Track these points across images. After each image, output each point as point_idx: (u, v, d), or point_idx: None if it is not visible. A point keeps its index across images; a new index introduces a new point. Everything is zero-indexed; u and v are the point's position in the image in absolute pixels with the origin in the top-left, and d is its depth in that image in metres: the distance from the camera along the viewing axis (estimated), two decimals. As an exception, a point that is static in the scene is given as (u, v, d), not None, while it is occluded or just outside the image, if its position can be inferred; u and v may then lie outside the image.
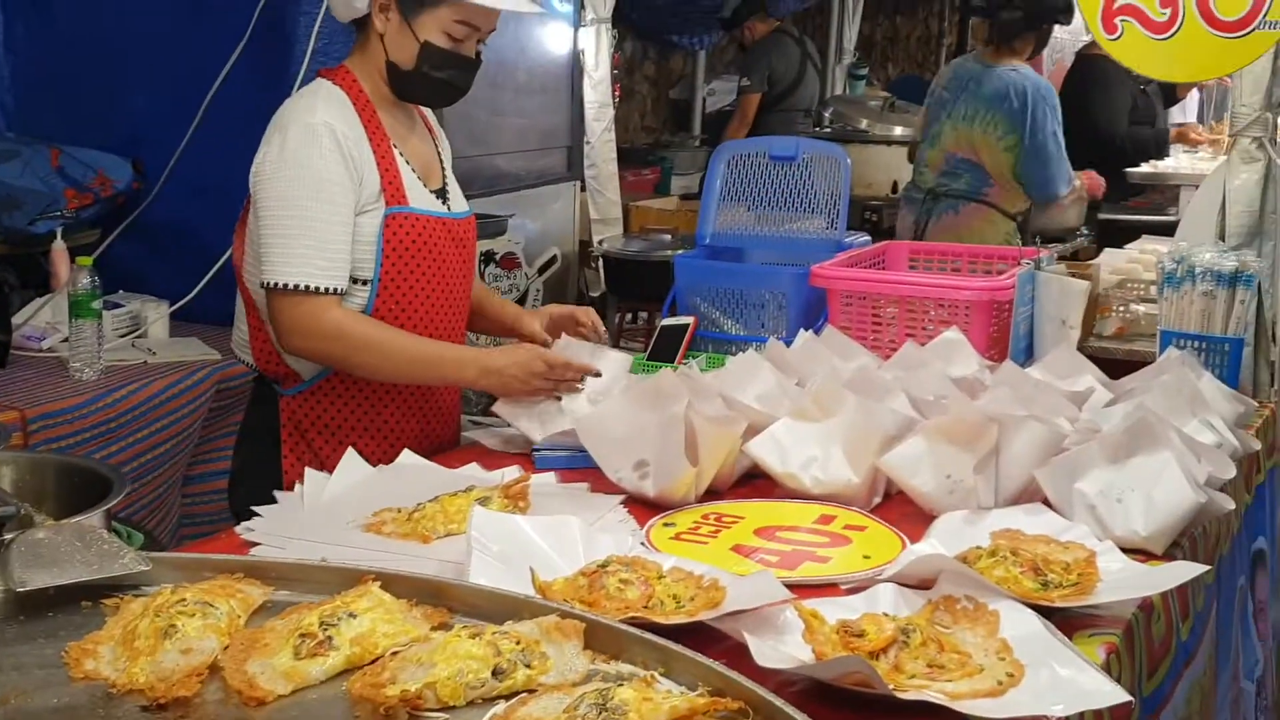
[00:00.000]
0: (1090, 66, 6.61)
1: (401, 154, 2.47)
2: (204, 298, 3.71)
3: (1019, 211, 5.02)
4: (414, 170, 2.49)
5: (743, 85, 7.63)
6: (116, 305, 3.71)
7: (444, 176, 2.59)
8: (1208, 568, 1.96)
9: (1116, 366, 2.85)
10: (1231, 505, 2.08)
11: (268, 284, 2.34)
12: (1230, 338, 2.83)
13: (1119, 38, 2.98)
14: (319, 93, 2.42)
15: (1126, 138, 6.67)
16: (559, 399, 2.46)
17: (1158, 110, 7.17)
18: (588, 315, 2.68)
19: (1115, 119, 6.62)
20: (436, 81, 2.44)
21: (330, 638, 1.39)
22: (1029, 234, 4.94)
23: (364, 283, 2.40)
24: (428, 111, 2.66)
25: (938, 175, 5.07)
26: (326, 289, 2.32)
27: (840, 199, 3.28)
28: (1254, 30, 2.85)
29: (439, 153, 2.63)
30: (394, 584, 1.51)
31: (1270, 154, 2.90)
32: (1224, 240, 2.94)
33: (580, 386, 2.47)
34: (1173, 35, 2.91)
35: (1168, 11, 2.91)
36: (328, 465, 2.24)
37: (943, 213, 5.03)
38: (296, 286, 2.32)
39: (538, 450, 2.37)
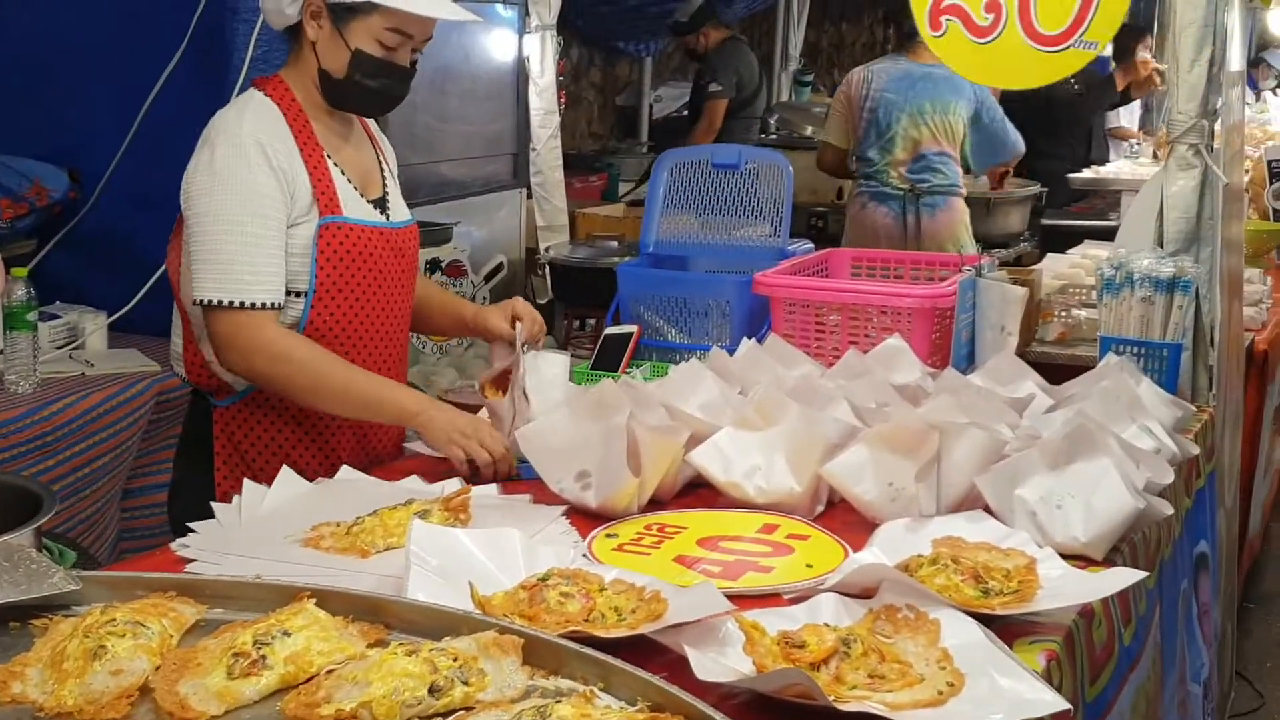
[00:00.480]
0: None
1: (336, 164, 2.45)
2: (143, 308, 3.66)
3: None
4: (350, 180, 2.47)
5: (712, 90, 7.59)
6: (53, 316, 3.65)
7: (384, 185, 2.57)
8: (1147, 573, 1.97)
9: (1059, 371, 2.87)
10: (1170, 510, 2.10)
11: (201, 301, 2.31)
12: (1169, 343, 2.86)
13: (943, 35, 3.01)
14: (249, 105, 2.40)
15: (1070, 99, 6.80)
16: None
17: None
18: (536, 324, 2.63)
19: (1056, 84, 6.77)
20: (369, 90, 2.42)
21: (264, 656, 1.38)
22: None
23: (299, 294, 2.38)
24: (369, 119, 2.64)
25: (908, 173, 5.21)
26: (261, 304, 2.30)
27: (784, 206, 3.29)
28: (1069, 47, 2.91)
29: (381, 161, 2.61)
30: (330, 600, 1.50)
31: (1206, 160, 2.93)
32: (1162, 246, 2.97)
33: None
34: (993, 40, 2.95)
35: (991, 17, 2.95)
36: (262, 478, 2.22)
37: (936, 208, 5.20)
38: (230, 303, 2.29)
39: (523, 463, 2.33)
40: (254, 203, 2.30)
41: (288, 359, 2.31)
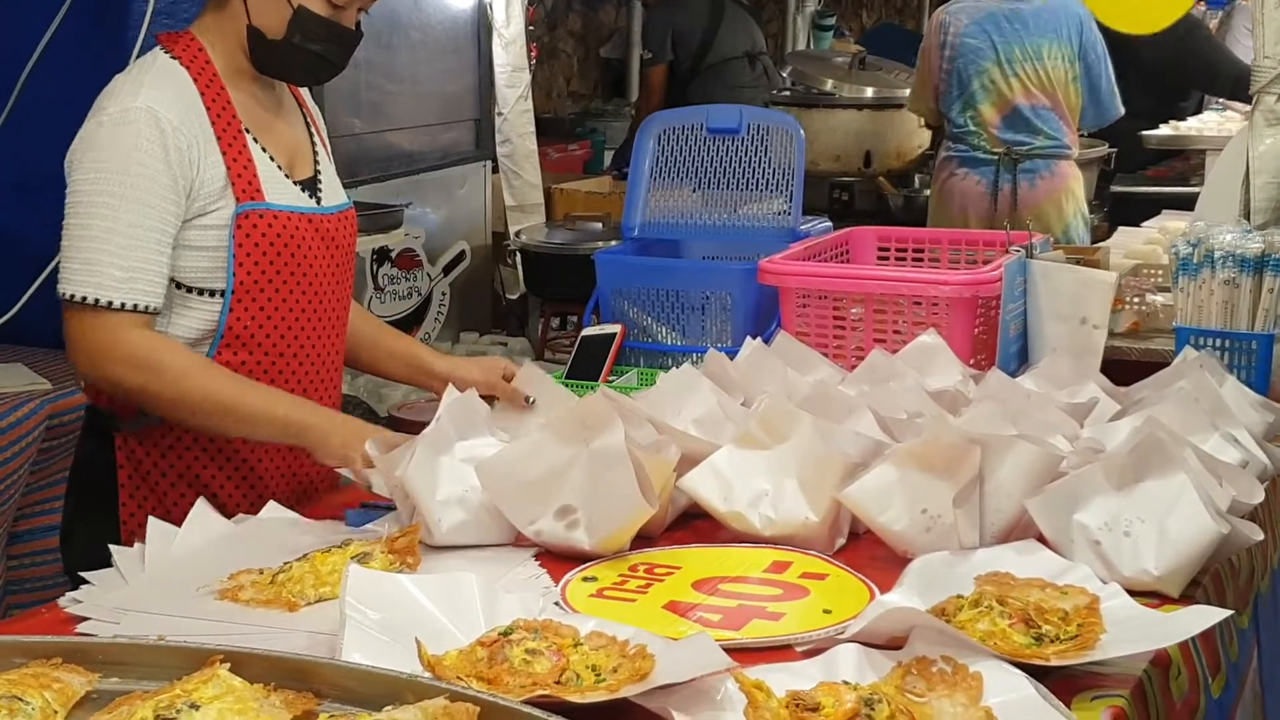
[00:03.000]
0: None
1: (256, 140, 2.46)
2: (30, 314, 3.66)
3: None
4: (273, 159, 2.47)
5: (645, 59, 7.63)
6: (-81, 327, 3.66)
7: (315, 164, 2.58)
8: (1235, 611, 1.97)
9: (1130, 370, 2.88)
10: (1261, 535, 2.09)
11: (62, 295, 2.33)
12: (1258, 334, 2.86)
13: None
14: (149, 69, 2.40)
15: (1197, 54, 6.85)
16: None
17: (1209, 34, 7.39)
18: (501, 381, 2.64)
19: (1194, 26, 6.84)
20: (308, 55, 2.43)
21: (168, 735, 1.37)
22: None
23: (214, 294, 2.39)
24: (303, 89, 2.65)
25: (1000, 134, 5.27)
26: (124, 305, 2.31)
27: (795, 178, 3.29)
28: None
29: (313, 136, 2.61)
30: (248, 665, 1.49)
31: (1301, 114, 2.94)
32: (1248, 218, 2.97)
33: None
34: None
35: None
36: (175, 515, 2.22)
37: (1037, 175, 5.26)
38: (85, 300, 2.30)
39: (363, 507, 2.32)
40: (133, 185, 2.31)
41: (149, 366, 2.31)
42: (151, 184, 2.32)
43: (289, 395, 2.44)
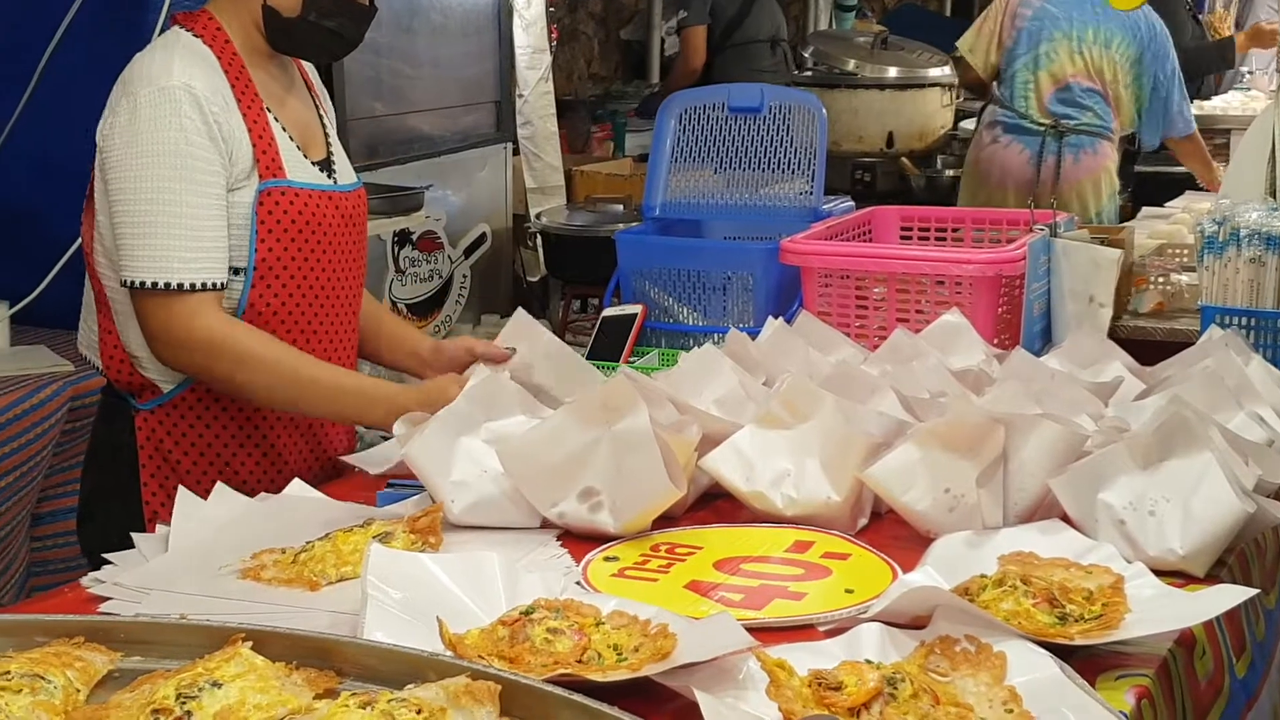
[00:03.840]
0: None
1: (277, 119, 2.46)
2: (51, 296, 3.66)
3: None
4: (292, 138, 2.48)
5: (681, 19, 7.62)
6: (-58, 309, 3.67)
7: (328, 144, 2.59)
8: (1260, 590, 1.96)
9: (1155, 349, 2.87)
10: (1286, 514, 2.08)
11: (128, 283, 2.33)
12: (1284, 312, 2.85)
13: None
14: (176, 46, 2.40)
15: (1188, 53, 6.85)
16: None
17: (1201, 25, 7.37)
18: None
19: (1176, 33, 6.85)
20: (323, 32, 2.43)
21: (189, 713, 1.38)
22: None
23: (236, 272, 2.39)
24: (308, 66, 2.65)
25: (1051, 105, 5.25)
26: (199, 284, 2.31)
27: (817, 157, 3.28)
28: None
29: (321, 116, 2.62)
30: (269, 643, 1.50)
31: (1327, 90, 2.92)
32: (1275, 196, 2.96)
33: None
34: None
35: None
36: (197, 493, 2.22)
37: (1081, 149, 5.24)
38: (161, 285, 2.30)
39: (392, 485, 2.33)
40: (187, 165, 2.31)
41: (232, 348, 2.32)
42: (201, 161, 2.32)
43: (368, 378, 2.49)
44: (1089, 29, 5.18)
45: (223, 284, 2.35)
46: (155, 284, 2.31)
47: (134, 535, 2.11)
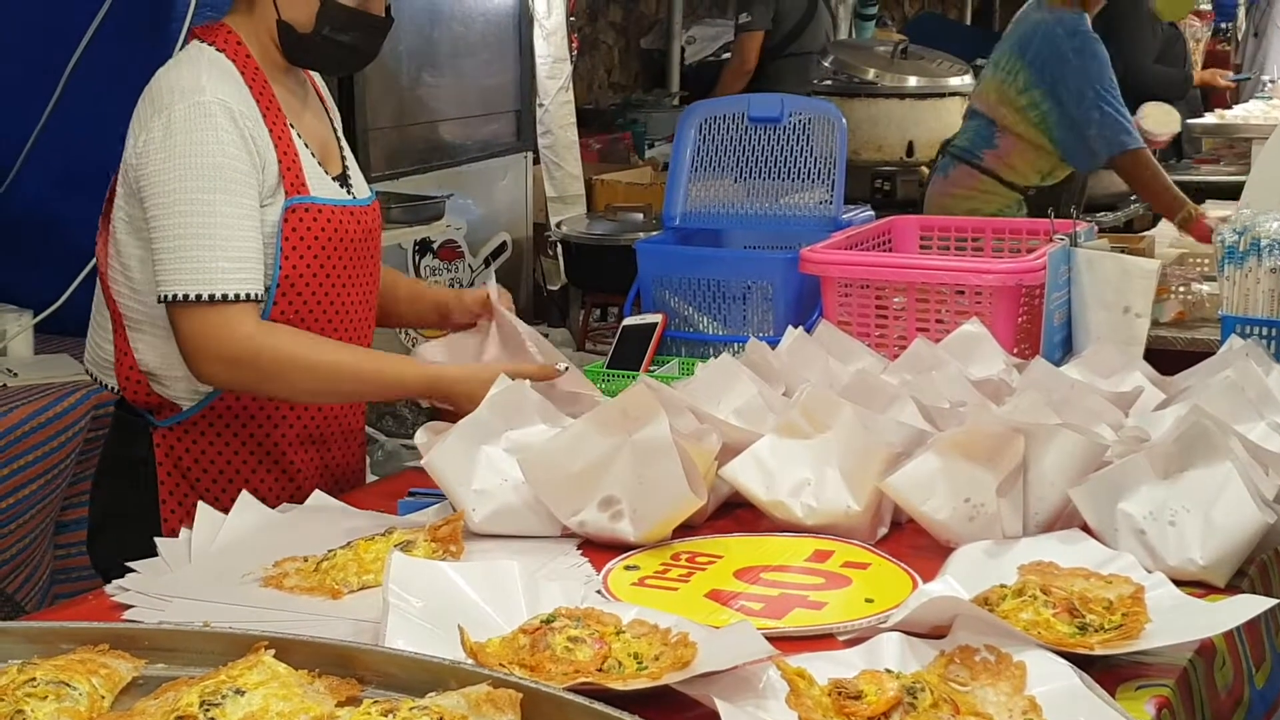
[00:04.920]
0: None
1: (299, 134, 2.46)
2: (76, 305, 3.66)
3: (1031, 185, 4.92)
4: (312, 153, 2.48)
5: (742, 22, 7.59)
6: (-33, 318, 3.69)
7: (343, 158, 2.59)
8: (1277, 601, 1.96)
9: (1176, 359, 2.86)
10: (1308, 524, 2.08)
11: (166, 297, 2.31)
12: (1306, 322, 2.84)
13: None
14: (201, 61, 2.39)
15: (1151, 75, 6.86)
16: None
17: (1186, 53, 7.37)
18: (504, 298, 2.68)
19: (1140, 54, 6.86)
20: (338, 45, 2.44)
21: (213, 720, 1.38)
22: (1064, 205, 4.90)
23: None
24: (318, 78, 2.66)
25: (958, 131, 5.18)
26: (238, 295, 2.30)
27: (837, 167, 3.28)
28: None
29: (335, 129, 2.63)
30: (292, 651, 1.50)
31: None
32: (1297, 205, 2.95)
33: None
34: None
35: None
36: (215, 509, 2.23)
37: (936, 175, 5.11)
38: (200, 297, 2.29)
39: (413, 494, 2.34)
40: (224, 178, 2.30)
41: (270, 354, 2.32)
42: (239, 174, 2.32)
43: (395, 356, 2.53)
44: (997, 52, 4.88)
45: (261, 295, 2.34)
46: (199, 296, 2.28)
47: (157, 540, 2.12)
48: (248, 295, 2.31)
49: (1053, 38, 4.68)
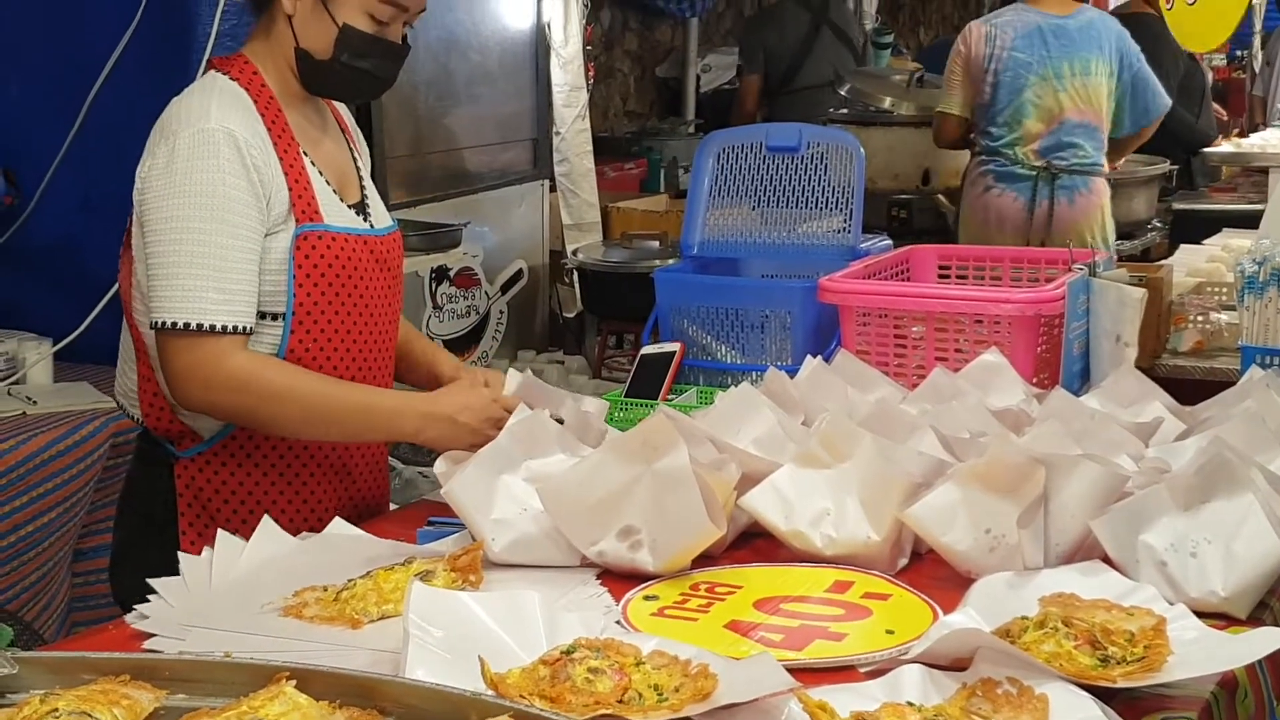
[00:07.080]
0: (1137, 25, 6.67)
1: (313, 162, 2.47)
2: (95, 333, 3.69)
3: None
4: (328, 181, 2.49)
5: (738, 68, 7.72)
6: (-13, 345, 3.70)
7: (362, 187, 2.60)
8: (1303, 633, 1.95)
9: (1195, 389, 2.85)
10: (1329, 556, 2.07)
11: (157, 323, 2.32)
12: (1327, 352, 2.84)
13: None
14: (213, 90, 2.40)
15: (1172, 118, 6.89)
16: None
17: (1207, 85, 7.33)
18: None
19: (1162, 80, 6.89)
20: (356, 72, 2.45)
21: (234, 751, 1.39)
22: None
23: (274, 318, 2.40)
24: (342, 108, 2.67)
25: (1041, 149, 5.26)
26: (226, 328, 2.31)
27: (855, 196, 3.29)
28: None
29: (355, 159, 2.63)
30: (313, 681, 1.50)
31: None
32: (1316, 236, 2.95)
33: None
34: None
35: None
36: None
37: (1075, 191, 5.25)
38: (189, 326, 2.30)
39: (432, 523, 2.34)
40: (221, 208, 2.31)
41: (256, 384, 2.33)
42: (237, 204, 2.33)
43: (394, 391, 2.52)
44: (1064, 63, 5.17)
45: (250, 329, 2.34)
46: (187, 325, 2.29)
47: (180, 555, 2.13)
48: (235, 328, 2.32)
49: (1110, 23, 5.23)
